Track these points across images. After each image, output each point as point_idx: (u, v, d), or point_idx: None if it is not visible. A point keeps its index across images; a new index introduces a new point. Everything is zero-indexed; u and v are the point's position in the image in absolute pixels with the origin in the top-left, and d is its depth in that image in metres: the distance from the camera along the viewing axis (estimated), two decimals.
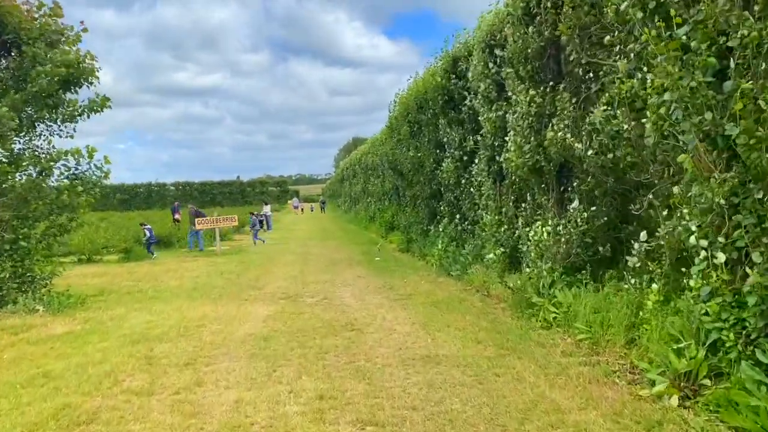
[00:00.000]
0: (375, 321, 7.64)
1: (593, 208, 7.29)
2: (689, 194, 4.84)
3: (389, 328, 7.19)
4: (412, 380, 5.06)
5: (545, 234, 7.86)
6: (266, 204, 31.11)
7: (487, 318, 7.57)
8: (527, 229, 8.86)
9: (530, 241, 8.32)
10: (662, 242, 5.52)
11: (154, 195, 77.62)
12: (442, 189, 14.09)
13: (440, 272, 11.99)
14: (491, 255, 9.64)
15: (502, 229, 9.87)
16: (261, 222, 29.98)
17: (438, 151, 14.35)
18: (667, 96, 4.77)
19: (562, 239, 7.59)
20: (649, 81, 5.34)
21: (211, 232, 19.76)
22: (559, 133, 7.20)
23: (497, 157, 9.84)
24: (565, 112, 7.22)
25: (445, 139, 13.39)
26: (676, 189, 5.10)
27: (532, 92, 7.92)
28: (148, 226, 18.90)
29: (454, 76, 12.32)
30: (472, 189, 11.48)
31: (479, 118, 10.83)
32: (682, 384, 4.44)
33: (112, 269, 14.77)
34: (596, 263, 7.49)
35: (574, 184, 7.62)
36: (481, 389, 4.79)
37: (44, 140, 9.04)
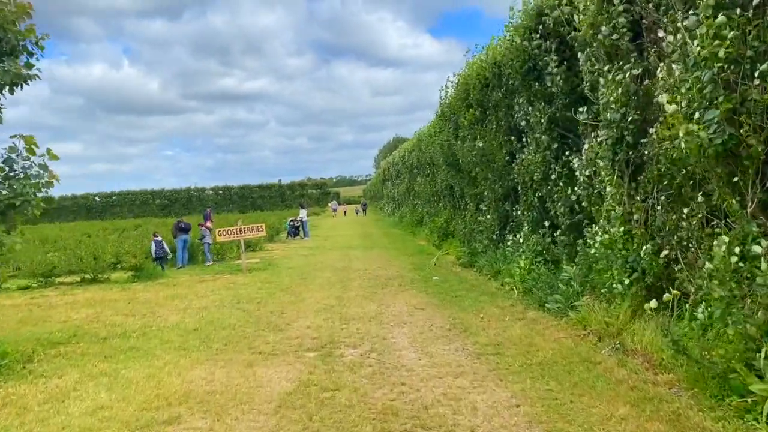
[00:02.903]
0: (459, 411, 4.52)
1: None
2: None
3: None
4: None
5: (750, 260, 4.57)
6: (303, 207, 28.18)
7: (660, 412, 4.33)
8: (693, 247, 5.60)
9: (707, 269, 5.04)
10: None
11: (194, 200, 76.83)
12: (519, 187, 10.84)
13: (527, 302, 8.76)
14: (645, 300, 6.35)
15: (634, 246, 6.60)
16: (297, 228, 27.25)
17: (511, 138, 11.13)
18: None
19: None
20: None
21: (237, 244, 17.02)
22: None
23: (629, 138, 6.57)
24: None
25: (523, 123, 10.15)
26: None
27: (720, 20, 4.63)
28: (158, 238, 16.34)
29: (538, 36, 9.05)
30: (575, 187, 8.20)
31: (586, 84, 7.60)
32: None
33: (111, 294, 12.11)
34: None
35: None
36: None
37: None
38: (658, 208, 6.23)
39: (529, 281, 9.33)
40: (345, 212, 57.27)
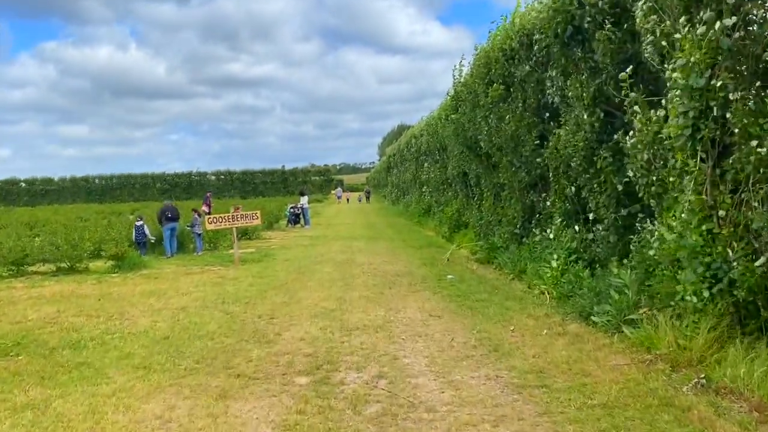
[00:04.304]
0: None
1: None
2: None
3: None
4: None
5: None
6: (303, 194, 26.68)
7: None
8: None
9: None
10: None
11: (195, 185, 75.44)
12: (551, 174, 9.36)
13: (564, 311, 7.32)
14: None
15: (718, 249, 5.14)
16: (297, 216, 25.85)
17: (542, 118, 9.68)
18: None
19: None
20: None
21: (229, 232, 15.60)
22: None
23: (717, 110, 5.08)
24: None
25: (557, 99, 8.68)
26: None
27: None
28: (139, 223, 15.04)
29: None
30: (626, 174, 6.70)
31: (646, 47, 6.08)
32: None
33: (83, 287, 10.73)
34: None
35: None
36: None
37: None
38: (755, 204, 4.77)
39: (564, 285, 7.91)
40: (348, 199, 56.22)
